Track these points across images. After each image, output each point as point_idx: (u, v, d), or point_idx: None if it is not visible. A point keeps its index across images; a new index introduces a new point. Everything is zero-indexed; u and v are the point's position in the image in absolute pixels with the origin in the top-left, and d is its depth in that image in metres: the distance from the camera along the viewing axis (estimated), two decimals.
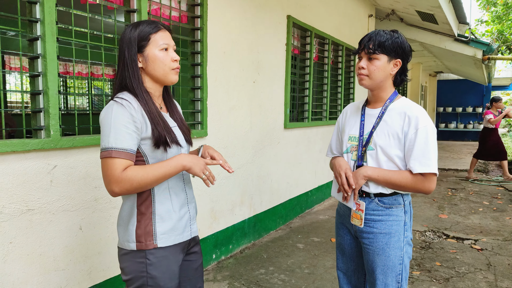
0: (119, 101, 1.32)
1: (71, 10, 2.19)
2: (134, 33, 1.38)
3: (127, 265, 1.38)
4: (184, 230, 1.45)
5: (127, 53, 1.37)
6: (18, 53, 1.98)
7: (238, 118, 3.59)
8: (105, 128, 1.30)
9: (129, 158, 1.30)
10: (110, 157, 1.27)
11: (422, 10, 6.48)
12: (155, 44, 1.38)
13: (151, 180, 1.31)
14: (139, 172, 1.29)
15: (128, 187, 1.28)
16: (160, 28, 1.41)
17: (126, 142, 1.29)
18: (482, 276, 3.19)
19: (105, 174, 1.29)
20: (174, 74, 1.43)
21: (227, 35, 3.36)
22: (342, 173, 1.72)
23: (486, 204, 5.60)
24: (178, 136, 1.46)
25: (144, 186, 1.31)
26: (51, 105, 2.02)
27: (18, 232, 1.92)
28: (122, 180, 1.27)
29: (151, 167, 1.32)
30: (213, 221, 3.36)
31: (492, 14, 17.98)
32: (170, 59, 1.40)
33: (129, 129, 1.30)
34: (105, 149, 1.29)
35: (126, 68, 1.38)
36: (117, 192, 1.29)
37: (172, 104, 1.55)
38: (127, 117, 1.30)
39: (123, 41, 1.38)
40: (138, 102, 1.35)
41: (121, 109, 1.30)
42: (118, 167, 1.27)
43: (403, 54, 1.68)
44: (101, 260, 2.34)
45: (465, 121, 17.08)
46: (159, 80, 1.43)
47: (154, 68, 1.39)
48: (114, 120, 1.29)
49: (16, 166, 1.90)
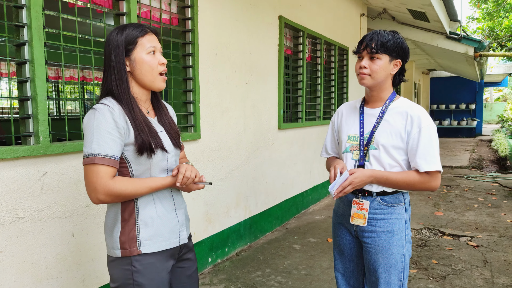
0: (102, 107, 1.29)
1: (59, 14, 2.15)
2: (121, 37, 1.35)
3: (114, 273, 1.37)
4: (170, 236, 1.42)
5: (114, 57, 1.34)
6: (6, 58, 1.95)
7: (232, 120, 3.57)
8: (88, 134, 1.28)
9: (113, 165, 1.28)
10: (93, 163, 1.25)
11: (413, 9, 6.50)
12: (142, 47, 1.36)
13: (138, 195, 1.34)
14: (127, 187, 1.30)
15: (114, 199, 1.30)
16: (147, 32, 1.38)
17: (110, 148, 1.27)
18: (479, 272, 3.19)
19: (89, 181, 1.27)
20: (162, 81, 1.41)
21: (218, 37, 3.34)
22: (338, 166, 1.70)
23: (481, 200, 5.62)
24: (165, 141, 1.43)
25: (129, 198, 1.33)
26: (40, 110, 1.99)
27: (8, 241, 1.89)
28: (109, 191, 1.26)
29: (140, 182, 1.33)
30: (208, 224, 3.34)
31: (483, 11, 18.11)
32: (158, 62, 1.38)
33: (113, 135, 1.28)
34: (88, 156, 1.27)
35: (112, 72, 1.35)
36: (102, 200, 1.28)
37: (161, 108, 1.51)
38: (110, 123, 1.28)
39: (109, 45, 1.35)
40: (122, 108, 1.33)
41: (103, 115, 1.28)
42: (103, 175, 1.26)
43: (403, 55, 1.71)
44: (95, 267, 2.31)
45: (459, 118, 17.19)
46: (146, 86, 1.40)
47: (142, 72, 1.37)
48: (97, 126, 1.27)
49: (5, 174, 1.86)
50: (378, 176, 1.66)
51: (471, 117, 16.91)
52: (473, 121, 16.72)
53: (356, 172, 1.66)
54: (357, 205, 1.73)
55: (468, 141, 14.93)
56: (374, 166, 1.70)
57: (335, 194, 1.66)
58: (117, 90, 1.34)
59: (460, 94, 17.15)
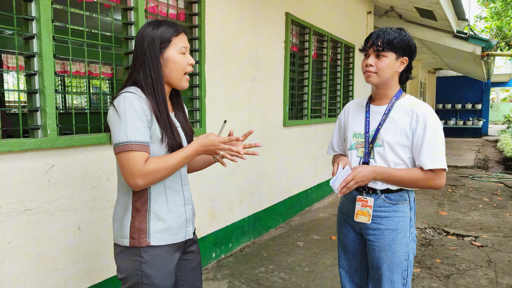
0: (131, 95, 1.31)
1: (67, 8, 2.16)
2: (156, 33, 1.37)
3: (122, 263, 1.38)
4: (179, 231, 1.44)
5: (149, 51, 1.36)
6: (14, 51, 1.96)
7: (237, 116, 3.58)
8: (120, 122, 1.29)
9: (148, 151, 1.31)
10: (130, 150, 1.27)
11: (421, 7, 6.45)
12: (175, 47, 1.39)
13: (172, 170, 1.33)
14: (160, 164, 1.30)
15: (152, 179, 1.30)
16: (180, 32, 1.42)
17: (142, 135, 1.30)
18: (483, 272, 3.18)
19: (127, 168, 1.28)
20: (186, 81, 1.45)
21: (225, 33, 3.34)
22: (341, 163, 1.71)
23: (486, 200, 5.60)
24: (182, 137, 1.46)
25: (166, 176, 1.34)
26: (48, 104, 2.00)
27: (16, 232, 1.91)
28: (146, 174, 1.28)
29: (170, 157, 1.33)
30: (213, 220, 3.35)
31: (491, 10, 17.96)
32: (187, 62, 1.42)
33: (144, 121, 1.31)
34: (123, 143, 1.28)
35: (147, 67, 1.36)
36: (142, 185, 1.29)
37: (180, 105, 1.54)
38: (140, 110, 1.30)
39: (144, 39, 1.37)
40: (149, 101, 1.34)
41: (134, 103, 1.29)
42: (139, 160, 1.27)
43: (410, 52, 1.70)
44: (100, 260, 2.33)
45: (465, 118, 17.08)
46: (172, 83, 1.43)
47: (171, 71, 1.40)
48: (129, 114, 1.28)
49: (13, 166, 1.88)
50: (381, 172, 1.66)
51: (477, 117, 16.80)
52: (479, 121, 16.60)
53: (359, 168, 1.66)
54: (361, 202, 1.73)
55: (474, 141, 14.84)
56: (378, 163, 1.70)
57: (338, 189, 1.66)
58: (152, 85, 1.36)
59: (466, 93, 17.03)
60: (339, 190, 1.66)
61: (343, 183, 1.65)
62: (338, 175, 1.66)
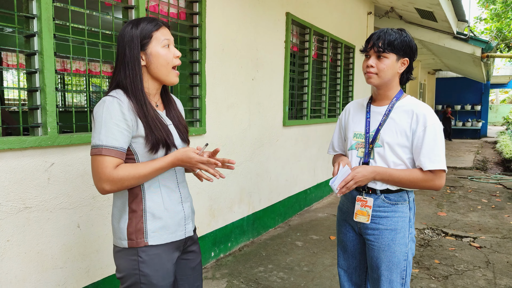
0: (111, 99, 1.30)
1: (68, 6, 2.17)
2: (135, 31, 1.35)
3: (121, 263, 1.38)
4: (177, 229, 1.44)
5: (129, 51, 1.35)
6: (15, 49, 1.96)
7: (237, 116, 3.58)
8: (96, 126, 1.30)
9: (120, 157, 1.30)
10: (100, 154, 1.27)
11: (421, 8, 6.46)
12: (158, 41, 1.37)
13: (142, 179, 1.32)
14: (130, 172, 1.29)
15: (119, 186, 1.30)
16: (161, 26, 1.40)
17: (116, 140, 1.29)
18: (481, 273, 3.19)
19: (95, 171, 1.29)
20: (175, 75, 1.43)
21: (225, 32, 3.34)
22: (341, 163, 1.71)
23: (484, 202, 5.61)
24: (174, 135, 1.45)
25: (135, 184, 1.33)
26: (48, 102, 2.00)
27: (15, 230, 1.91)
28: (113, 179, 1.27)
29: (143, 166, 1.32)
30: (212, 219, 3.35)
31: (491, 11, 17.99)
32: (173, 55, 1.40)
33: (120, 127, 1.29)
34: (95, 146, 1.28)
35: (127, 67, 1.35)
36: (108, 190, 1.29)
37: (170, 102, 1.53)
38: (118, 115, 1.29)
39: (124, 40, 1.36)
40: (131, 101, 1.33)
41: (112, 107, 1.29)
42: (108, 165, 1.27)
43: (411, 53, 1.71)
44: (99, 258, 2.33)
45: (464, 119, 17.10)
46: (160, 79, 1.41)
47: (157, 66, 1.38)
48: (106, 118, 1.28)
49: (13, 164, 1.88)
50: (381, 172, 1.66)
51: (476, 118, 16.83)
52: (478, 123, 16.63)
53: (358, 168, 1.67)
54: (361, 202, 1.74)
55: (473, 143, 14.87)
56: (378, 163, 1.71)
57: (337, 189, 1.66)
58: (130, 85, 1.35)
59: (466, 95, 17.06)
60: (339, 190, 1.66)
61: (342, 183, 1.65)
62: (338, 175, 1.66)
